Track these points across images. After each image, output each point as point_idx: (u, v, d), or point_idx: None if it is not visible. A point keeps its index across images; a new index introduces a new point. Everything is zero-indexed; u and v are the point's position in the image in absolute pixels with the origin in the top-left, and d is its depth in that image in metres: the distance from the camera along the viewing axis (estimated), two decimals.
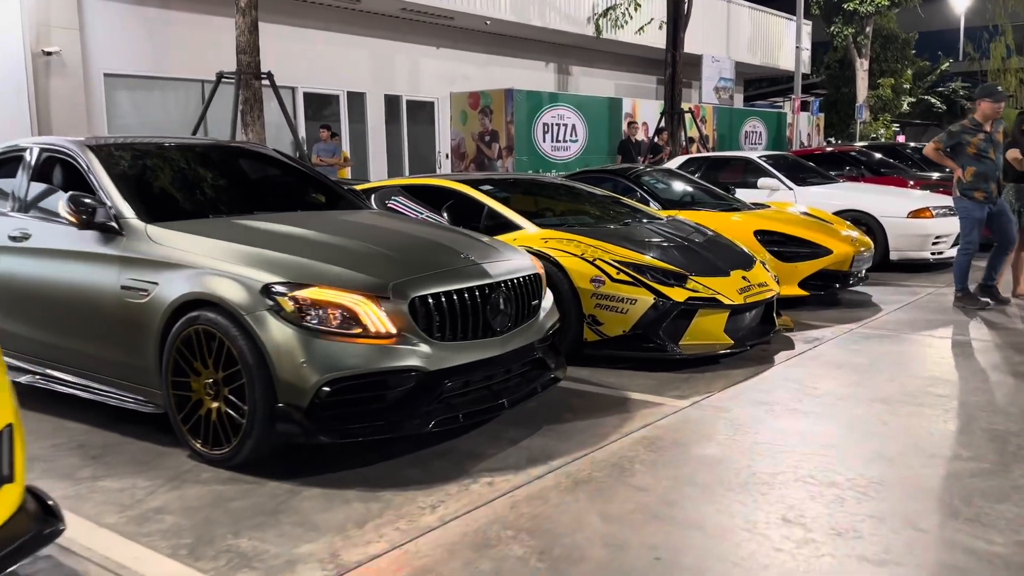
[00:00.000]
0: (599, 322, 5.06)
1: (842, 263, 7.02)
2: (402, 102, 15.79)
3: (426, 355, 3.42)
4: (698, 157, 11.01)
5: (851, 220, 9.05)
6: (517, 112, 15.79)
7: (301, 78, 13.97)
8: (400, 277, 3.48)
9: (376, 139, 15.29)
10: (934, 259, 8.94)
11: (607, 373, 4.97)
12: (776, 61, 25.33)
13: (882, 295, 7.59)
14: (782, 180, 9.72)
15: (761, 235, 6.96)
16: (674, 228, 6.03)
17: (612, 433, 3.84)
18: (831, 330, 6.10)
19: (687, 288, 5.06)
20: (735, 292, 5.20)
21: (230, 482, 3.31)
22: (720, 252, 5.69)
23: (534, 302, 4.05)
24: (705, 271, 5.28)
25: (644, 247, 5.36)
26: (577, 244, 5.23)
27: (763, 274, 5.63)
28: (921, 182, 11.15)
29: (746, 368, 5.05)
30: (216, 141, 5.04)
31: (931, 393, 4.44)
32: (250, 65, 9.20)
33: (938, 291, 7.79)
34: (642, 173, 8.21)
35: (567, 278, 5.09)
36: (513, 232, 5.51)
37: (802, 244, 6.96)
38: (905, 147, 14.34)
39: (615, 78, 21.12)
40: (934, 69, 33.71)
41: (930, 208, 8.89)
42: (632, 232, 5.71)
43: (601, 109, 17.89)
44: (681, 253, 5.45)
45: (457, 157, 16.74)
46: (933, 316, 6.63)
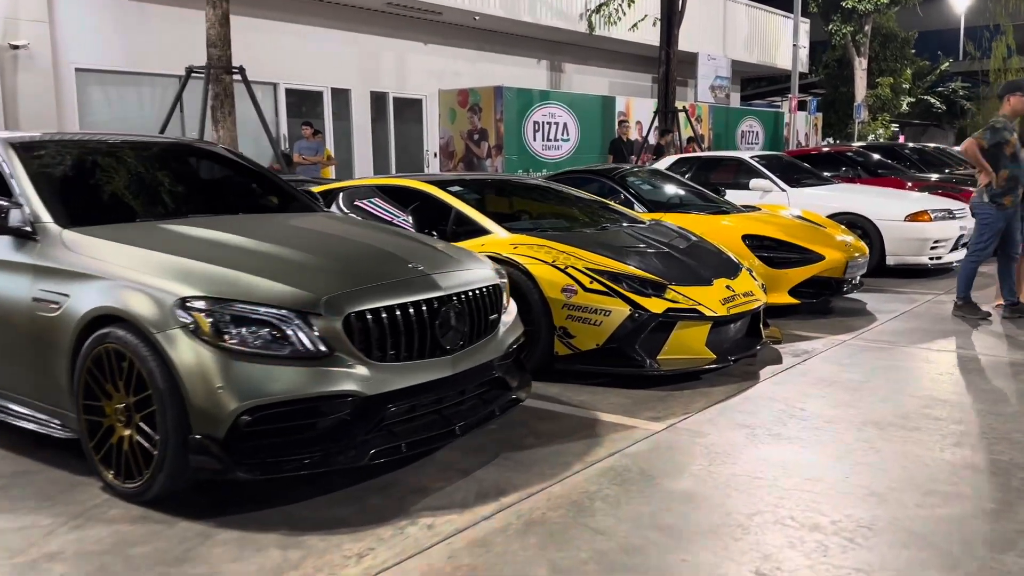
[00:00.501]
0: (571, 335, 4.69)
1: (835, 270, 6.65)
2: (389, 99, 15.41)
3: (363, 378, 3.06)
4: (689, 157, 10.64)
5: (846, 223, 8.69)
6: (507, 110, 15.43)
7: (283, 74, 13.60)
8: (335, 290, 3.11)
9: (362, 137, 14.92)
10: (932, 264, 8.58)
11: (579, 390, 4.60)
12: (774, 60, 24.97)
13: (878, 303, 7.23)
14: (775, 181, 9.35)
15: (749, 240, 6.59)
16: (655, 233, 5.67)
17: (575, 462, 3.48)
18: (822, 342, 5.73)
19: (666, 298, 4.70)
20: (718, 303, 4.84)
21: (138, 521, 2.94)
22: (704, 259, 5.33)
23: (492, 316, 3.68)
24: (686, 280, 4.92)
25: (621, 254, 5.00)
26: (548, 250, 4.86)
27: (749, 283, 5.27)
28: (919, 184, 10.79)
29: (729, 385, 4.68)
30: (162, 139, 4.66)
31: (928, 415, 4.08)
32: (221, 59, 8.83)
33: (937, 299, 7.43)
34: (627, 174, 7.85)
35: (537, 287, 4.72)
36: (482, 237, 5.15)
37: (792, 250, 6.60)
38: (903, 147, 13.99)
39: (609, 76, 20.75)
40: (934, 69, 33.37)
41: (928, 211, 8.52)
42: (609, 237, 5.35)
43: (594, 107, 17.52)
44: (661, 260, 5.08)
45: (446, 156, 16.38)
46: (931, 326, 6.26)
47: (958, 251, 8.95)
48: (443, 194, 5.46)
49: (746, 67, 24.86)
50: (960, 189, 10.42)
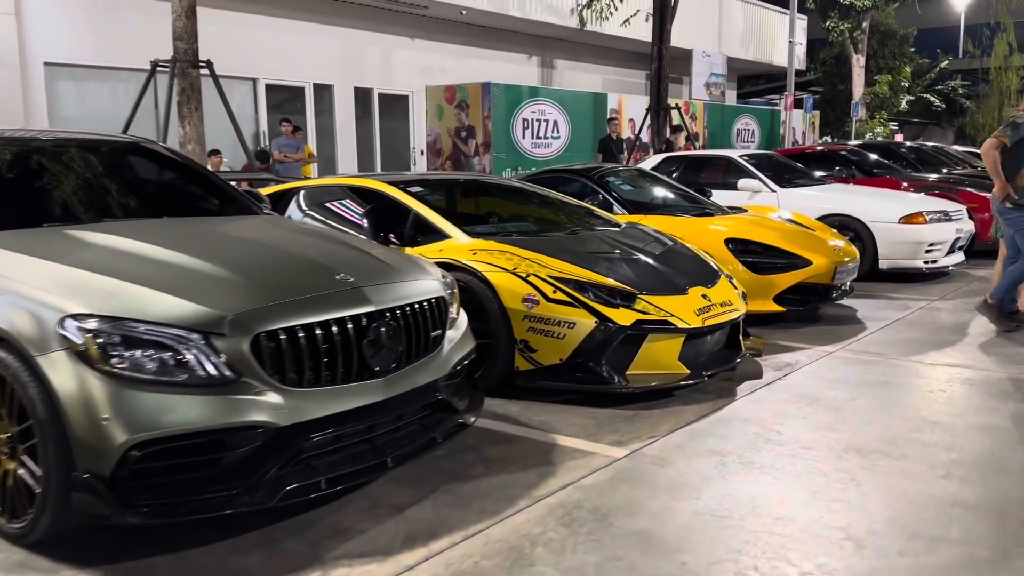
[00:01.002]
0: (532, 348, 4.34)
1: (823, 275, 6.30)
2: (373, 95, 15.05)
3: (276, 406, 2.71)
4: (676, 156, 10.29)
5: (837, 225, 8.34)
6: (495, 107, 15.07)
7: (263, 69, 13.23)
8: (244, 307, 2.76)
9: (345, 134, 14.55)
10: (927, 269, 8.23)
11: (541, 409, 4.25)
12: (770, 57, 24.60)
13: (869, 310, 6.88)
14: (764, 182, 9.00)
15: (733, 244, 6.24)
16: (629, 237, 5.32)
17: (522, 497, 3.13)
18: (807, 353, 5.39)
19: (635, 309, 4.34)
20: (692, 314, 4.48)
21: (16, 569, 2.59)
22: (680, 265, 4.98)
23: (435, 332, 3.33)
24: (659, 288, 4.57)
25: (589, 261, 4.65)
26: (510, 257, 4.50)
27: (728, 291, 4.91)
28: (915, 184, 10.43)
29: (702, 403, 4.34)
30: (87, 135, 4.30)
31: (916, 440, 3.73)
32: (187, 52, 8.46)
33: (931, 305, 7.08)
34: (607, 174, 7.49)
35: (496, 297, 4.37)
36: (440, 242, 4.80)
37: (778, 254, 6.25)
38: (900, 146, 13.63)
39: (602, 72, 20.38)
40: (933, 67, 32.99)
41: (923, 213, 8.17)
42: (578, 243, 5.00)
43: (585, 104, 17.16)
44: (632, 267, 4.73)
45: (433, 154, 16.01)
46: (925, 336, 5.91)
47: (954, 254, 8.61)
48: (402, 195, 5.10)
49: (742, 64, 24.49)
50: (957, 190, 10.07)
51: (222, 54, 12.55)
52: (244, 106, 13.24)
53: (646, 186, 7.87)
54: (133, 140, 4.57)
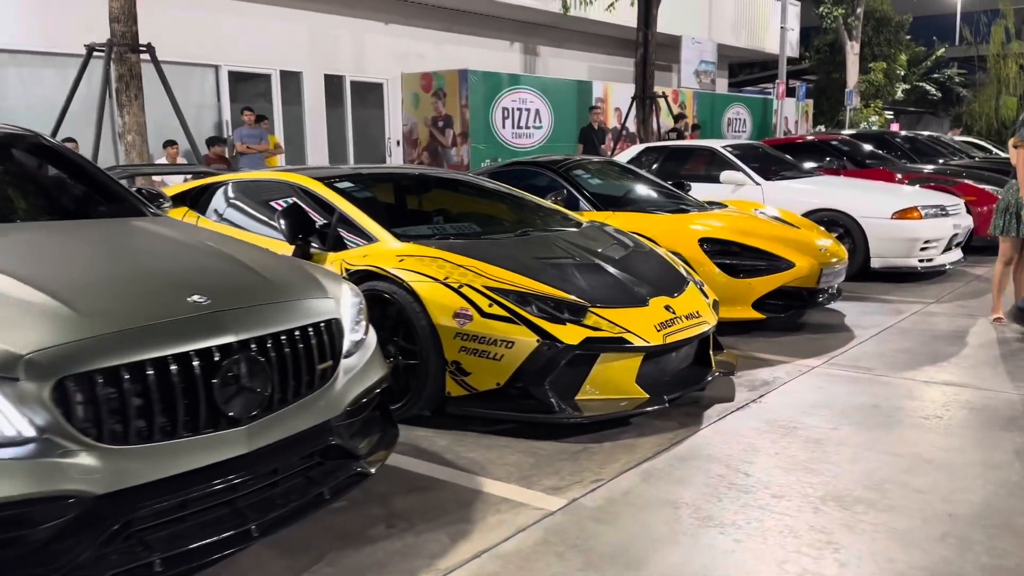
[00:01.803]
0: (465, 371, 3.75)
1: (807, 278, 5.72)
2: (345, 83, 14.39)
3: (90, 470, 2.12)
4: (656, 147, 9.68)
5: (826, 221, 7.77)
6: (472, 95, 14.45)
7: (226, 55, 12.57)
8: (47, 342, 2.16)
9: (315, 124, 13.91)
10: (923, 268, 7.65)
11: (474, 443, 3.66)
12: (762, 44, 23.95)
13: (858, 315, 6.30)
14: (748, 174, 8.40)
15: (708, 244, 5.65)
16: (588, 240, 4.73)
17: (423, 570, 2.54)
18: (787, 369, 4.80)
19: (585, 325, 3.75)
20: (652, 328, 3.89)
21: None
22: (642, 272, 4.39)
23: (324, 364, 2.73)
24: (615, 300, 3.98)
25: (535, 268, 4.05)
26: (441, 264, 3.91)
27: (696, 301, 4.32)
28: (910, 176, 9.84)
29: (662, 433, 3.76)
30: None
31: (908, 486, 3.15)
32: (125, 36, 7.83)
33: (926, 310, 6.50)
34: (575, 166, 6.89)
35: (424, 311, 3.78)
36: (366, 246, 4.20)
37: (757, 256, 5.66)
38: (894, 136, 13.03)
39: (588, 60, 19.73)
40: (929, 55, 32.38)
41: (918, 207, 7.59)
42: (527, 246, 4.40)
43: (568, 93, 16.54)
44: (586, 275, 4.13)
45: (409, 144, 15.39)
46: (920, 347, 5.34)
47: (952, 252, 8.04)
48: (327, 192, 4.50)
49: (734, 52, 23.86)
50: (955, 182, 9.49)
51: (182, 39, 11.96)
52: (206, 95, 12.61)
53: (618, 180, 7.28)
54: (10, 128, 3.94)
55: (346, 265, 4.09)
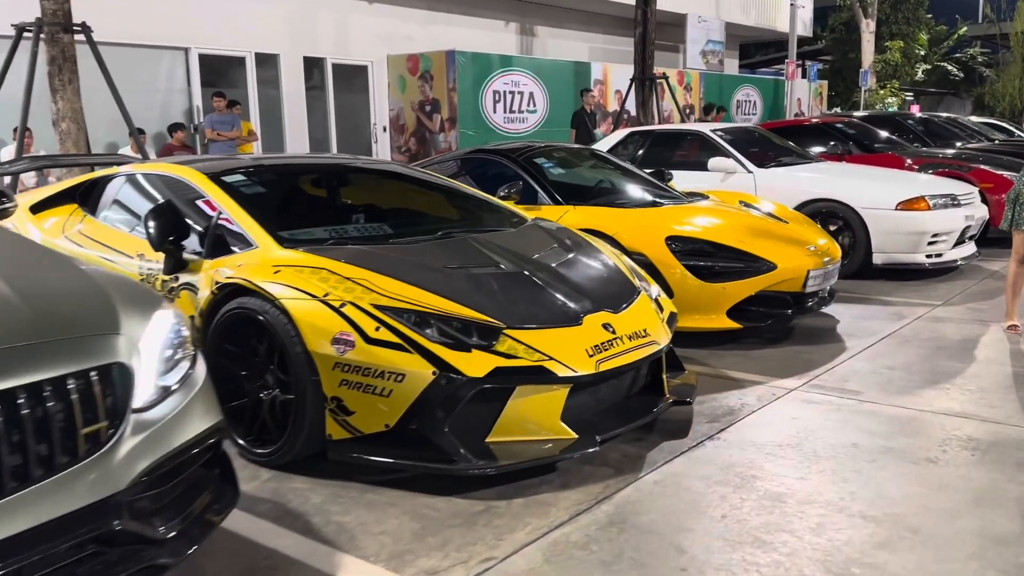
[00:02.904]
0: (348, 410, 3.08)
1: (792, 281, 5.01)
2: (327, 66, 13.69)
3: None
4: (641, 131, 8.92)
5: (824, 213, 7.03)
6: (460, 78, 13.74)
7: (196, 37, 11.90)
8: None
9: (294, 110, 13.23)
10: (931, 264, 6.88)
11: (356, 498, 3.00)
12: (773, 22, 22.97)
13: (853, 320, 5.57)
14: (740, 161, 7.65)
15: (676, 243, 4.94)
16: (523, 242, 4.03)
17: None
18: (759, 392, 4.10)
19: (496, 351, 3.07)
20: (582, 354, 3.20)
21: None
22: (581, 282, 3.69)
23: (92, 427, 2.06)
24: (539, 318, 3.29)
25: (445, 280, 3.36)
26: (325, 277, 3.23)
27: (644, 316, 3.62)
28: (921, 161, 9.04)
29: (590, 484, 3.07)
30: None
31: (880, 570, 2.45)
32: (57, 14, 7.18)
33: (932, 314, 5.76)
34: (539, 154, 6.18)
35: (299, 336, 3.10)
36: (244, 252, 3.53)
37: (733, 256, 4.94)
38: (907, 117, 12.19)
39: (588, 40, 18.90)
40: (951, 34, 31.21)
41: (926, 197, 6.81)
42: (443, 252, 3.70)
43: (565, 74, 15.78)
44: (509, 288, 3.44)
45: (396, 130, 14.72)
46: (921, 361, 4.61)
47: (964, 246, 7.26)
48: (210, 187, 3.82)
49: (744, 31, 22.90)
50: (970, 167, 8.68)
51: (148, 20, 11.32)
52: (174, 79, 11.96)
53: (588, 170, 6.57)
54: None
55: (217, 277, 3.42)
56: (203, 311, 3.44)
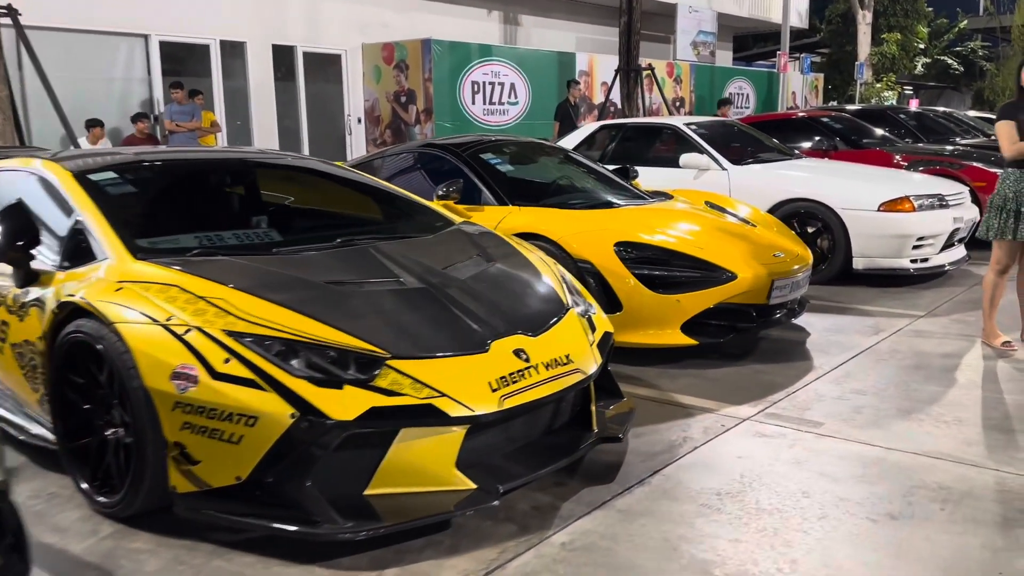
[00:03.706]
0: (192, 458, 2.57)
1: (755, 292, 4.51)
2: (297, 54, 13.14)
3: None
4: (612, 124, 8.39)
5: (802, 213, 6.54)
6: (436, 67, 13.23)
7: (157, 23, 11.36)
8: None
9: (262, 101, 12.68)
10: (915, 270, 6.37)
11: (201, 563, 2.50)
12: (768, 13, 22.38)
13: (825, 334, 5.07)
14: (714, 157, 7.14)
15: (627, 250, 4.44)
16: (438, 251, 3.53)
17: None
18: (706, 422, 3.60)
19: (375, 387, 2.57)
20: (483, 387, 2.70)
21: None
22: (497, 299, 3.18)
23: None
24: (436, 344, 2.79)
25: (325, 299, 2.86)
26: (173, 296, 2.72)
27: (569, 339, 3.12)
28: (910, 157, 8.52)
29: (482, 548, 2.57)
30: None
31: None
32: None
33: (914, 327, 5.25)
34: (489, 149, 5.67)
35: (135, 367, 2.60)
36: (95, 263, 3.02)
37: (689, 264, 4.44)
38: (899, 111, 11.66)
39: (575, 30, 18.33)
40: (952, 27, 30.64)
41: (910, 198, 6.30)
42: (333, 264, 3.19)
43: (548, 65, 15.28)
44: (405, 308, 2.94)
45: (371, 122, 14.22)
46: (894, 386, 4.10)
47: (953, 249, 6.75)
48: (72, 186, 3.30)
49: (737, 22, 22.32)
50: (961, 165, 8.17)
51: (106, 6, 10.79)
52: (133, 68, 11.43)
53: (544, 166, 6.06)
54: None
55: (61, 293, 2.92)
56: (45, 333, 2.94)
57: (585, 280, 4.42)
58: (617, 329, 4.38)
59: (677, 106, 18.72)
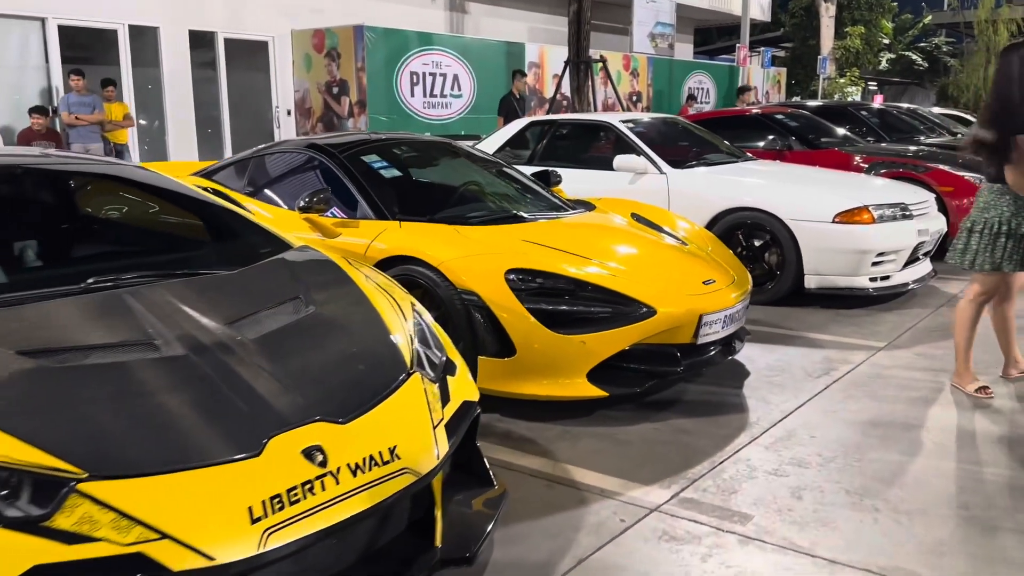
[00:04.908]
0: None
1: (680, 331, 3.67)
2: (218, 41, 12.12)
3: None
4: (543, 120, 7.50)
5: (748, 225, 5.73)
6: (370, 56, 12.27)
7: (55, 5, 10.30)
8: None
9: (177, 91, 11.66)
10: (875, 290, 5.59)
11: None
12: (729, 5, 21.69)
13: (766, 375, 4.25)
14: (652, 159, 6.30)
15: (521, 278, 3.58)
16: (233, 294, 2.63)
17: None
18: (601, 515, 2.75)
19: (47, 530, 1.67)
20: (237, 516, 1.81)
21: None
22: (297, 369, 2.29)
23: None
24: (163, 452, 1.90)
25: None
26: None
27: (400, 422, 2.24)
28: (872, 159, 7.77)
29: None
30: None
31: None
32: None
33: (874, 359, 4.45)
34: (374, 150, 4.76)
35: None
36: None
37: (599, 297, 3.59)
38: (861, 108, 10.93)
39: (527, 20, 17.46)
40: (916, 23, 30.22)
41: (869, 208, 5.52)
42: (44, 323, 2.27)
43: (495, 56, 14.36)
44: (134, 394, 2.03)
45: (302, 114, 13.21)
46: (843, 455, 3.29)
47: (917, 265, 5.98)
48: None
49: (698, 14, 21.59)
50: (927, 167, 7.42)
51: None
52: (28, 54, 10.35)
53: (446, 170, 5.17)
54: None
55: None
56: None
57: (472, 317, 3.56)
58: (509, 378, 3.54)
59: (634, 100, 17.93)
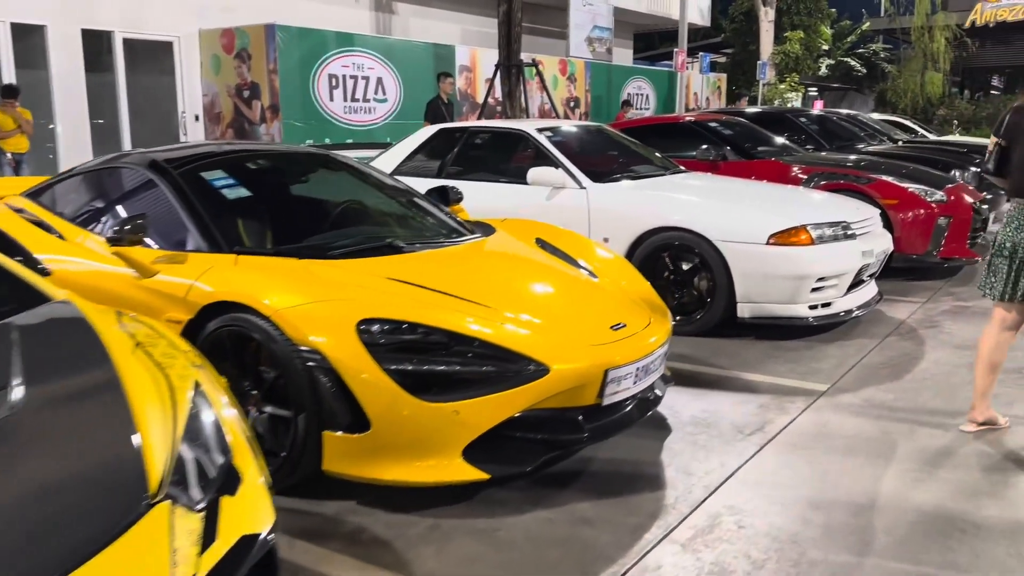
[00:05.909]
0: None
1: (581, 391, 2.97)
2: (116, 41, 11.13)
3: None
4: (454, 128, 6.75)
5: (676, 247, 5.07)
6: (283, 57, 11.42)
7: None
8: None
9: (68, 96, 10.63)
10: (815, 319, 4.97)
11: None
12: (668, 9, 21.22)
13: (691, 431, 3.57)
14: (570, 172, 5.62)
15: (377, 330, 2.83)
16: None
17: None
18: None
19: None
20: None
21: None
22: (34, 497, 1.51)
23: None
24: None
25: None
26: None
27: None
28: (811, 169, 7.20)
29: None
30: None
31: None
32: None
33: (815, 407, 3.81)
34: (220, 164, 3.96)
35: None
36: None
37: (476, 352, 2.86)
38: (799, 114, 10.44)
39: (460, 21, 16.71)
40: (854, 29, 30.33)
41: (808, 227, 4.91)
42: None
43: (422, 58, 13.60)
44: None
45: (211, 119, 12.29)
46: (781, 561, 2.62)
47: (862, 288, 5.39)
48: None
49: (636, 18, 21.07)
50: (869, 179, 6.87)
51: None
52: None
53: (318, 187, 4.40)
54: None
55: None
56: None
57: (316, 381, 2.80)
58: (364, 458, 2.81)
59: (572, 106, 17.36)
